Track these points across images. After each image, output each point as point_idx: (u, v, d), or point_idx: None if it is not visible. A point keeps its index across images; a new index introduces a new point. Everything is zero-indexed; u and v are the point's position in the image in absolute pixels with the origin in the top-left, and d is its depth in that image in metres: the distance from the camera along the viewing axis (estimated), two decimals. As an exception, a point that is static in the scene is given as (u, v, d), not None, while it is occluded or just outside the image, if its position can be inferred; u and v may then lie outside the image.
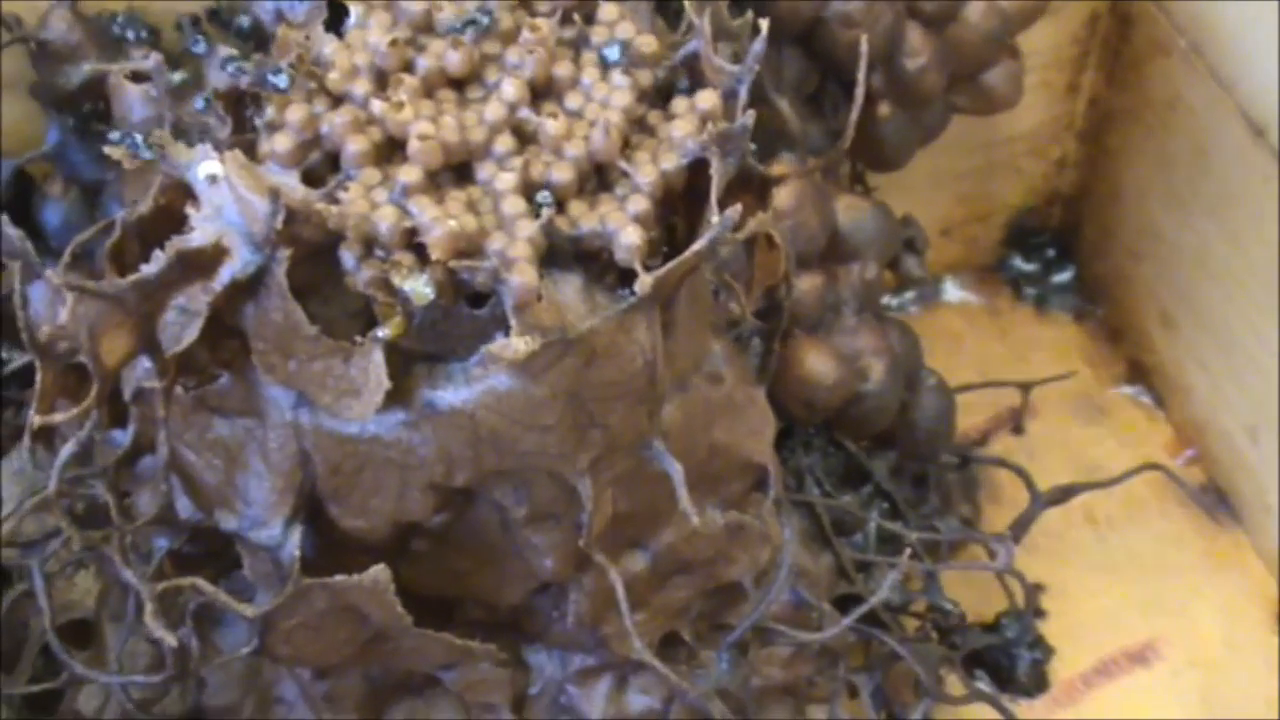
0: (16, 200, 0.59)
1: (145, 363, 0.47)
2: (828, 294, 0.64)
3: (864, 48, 0.52)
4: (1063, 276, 0.85)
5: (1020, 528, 0.69)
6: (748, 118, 0.45)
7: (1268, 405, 0.71)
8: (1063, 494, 0.70)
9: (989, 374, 0.78)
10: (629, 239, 0.44)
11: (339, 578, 0.49)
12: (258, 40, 0.55)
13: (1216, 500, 0.76)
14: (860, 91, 0.52)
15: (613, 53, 0.47)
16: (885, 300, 0.82)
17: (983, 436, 0.78)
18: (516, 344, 0.42)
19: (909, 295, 0.84)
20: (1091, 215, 0.82)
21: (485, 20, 0.47)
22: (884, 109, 0.65)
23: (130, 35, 0.58)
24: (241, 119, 0.49)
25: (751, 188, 0.51)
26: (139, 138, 0.45)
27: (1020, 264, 0.85)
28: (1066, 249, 0.85)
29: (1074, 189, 0.83)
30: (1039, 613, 0.71)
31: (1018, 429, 0.79)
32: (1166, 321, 0.77)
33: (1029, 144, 0.80)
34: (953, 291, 0.85)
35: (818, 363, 0.63)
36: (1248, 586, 0.74)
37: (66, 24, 0.56)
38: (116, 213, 0.57)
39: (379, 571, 0.49)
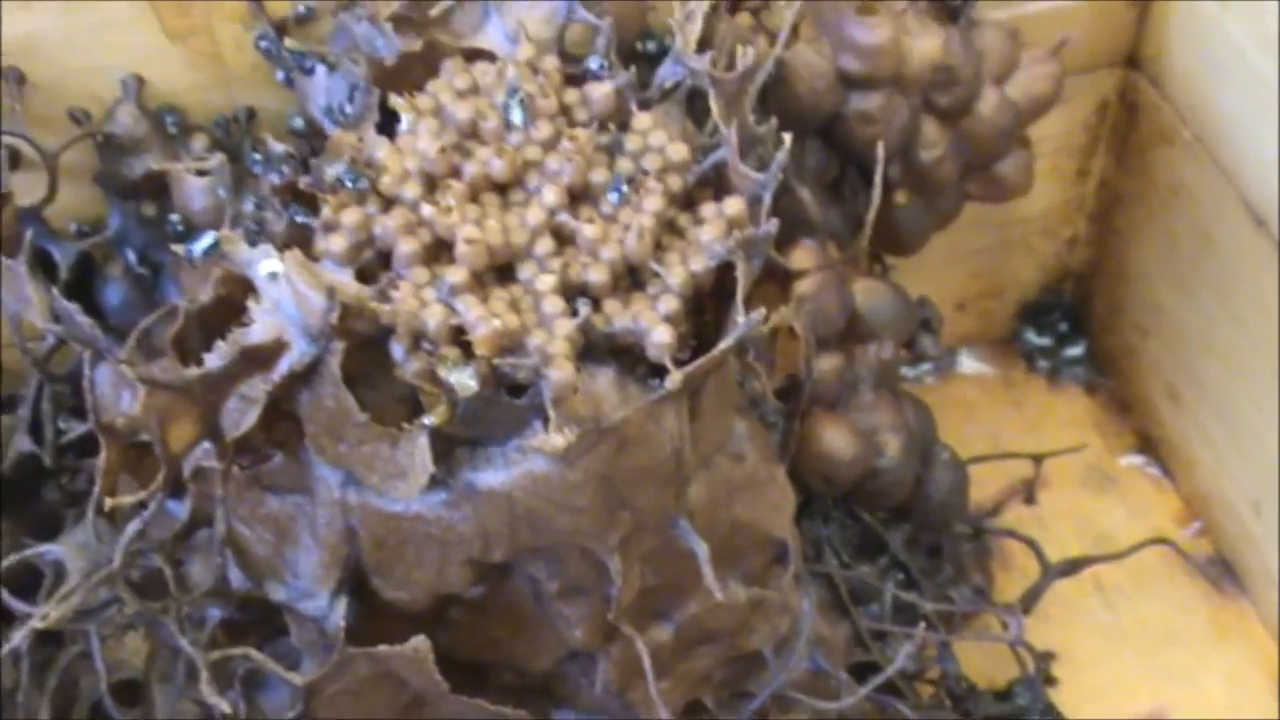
0: (79, 281, 0.62)
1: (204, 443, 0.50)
2: (846, 373, 0.66)
3: (881, 152, 0.54)
4: (1074, 350, 0.87)
5: (1031, 598, 0.71)
6: (771, 225, 0.48)
7: (1270, 480, 0.73)
8: (1073, 566, 0.72)
9: (1002, 443, 0.81)
10: (660, 337, 0.47)
11: (382, 647, 0.52)
12: (309, 138, 0.58)
13: (1222, 571, 0.78)
14: (878, 190, 0.55)
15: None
16: (902, 371, 0.85)
17: (996, 506, 0.80)
18: (555, 439, 0.45)
19: (925, 367, 0.86)
20: (1101, 292, 0.84)
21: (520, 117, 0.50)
22: (901, 197, 0.67)
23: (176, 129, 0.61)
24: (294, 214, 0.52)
25: (775, 279, 0.54)
26: (197, 248, 0.47)
27: (1033, 337, 0.87)
28: (1078, 324, 0.87)
29: (1085, 266, 0.85)
30: (1050, 680, 0.73)
31: (1029, 499, 0.81)
32: (1173, 396, 0.80)
33: (1041, 224, 0.82)
34: (968, 363, 0.87)
35: (836, 439, 0.65)
36: (1252, 655, 0.76)
37: (132, 119, 0.59)
38: (173, 294, 0.61)
39: (419, 641, 0.51)
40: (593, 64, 0.53)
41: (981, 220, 0.78)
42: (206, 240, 0.47)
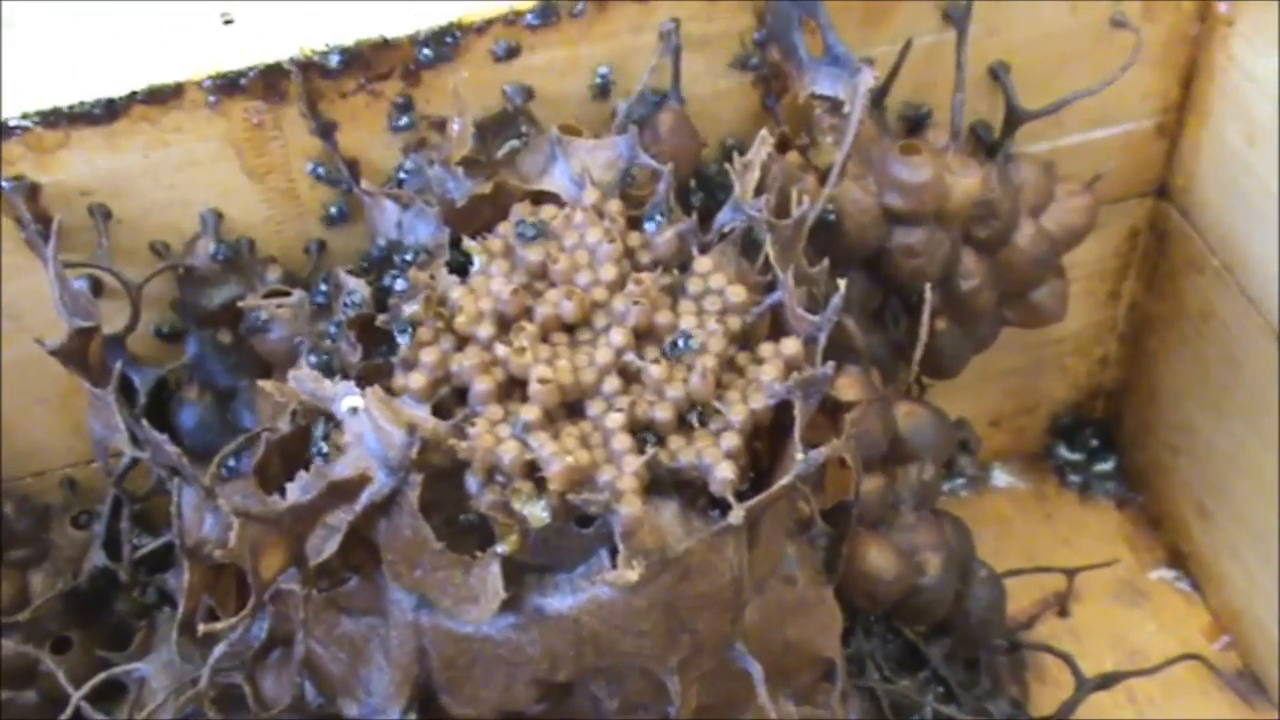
0: (155, 403, 0.65)
1: (284, 569, 0.53)
2: (888, 493, 0.68)
3: (928, 292, 0.57)
4: (1105, 465, 0.89)
5: (1067, 710, 0.73)
6: (829, 368, 0.50)
7: (1298, 597, 0.75)
8: (1107, 681, 0.74)
9: (1035, 556, 0.83)
10: (723, 474, 0.50)
11: (450, 762, 0.54)
12: (382, 266, 0.61)
13: (1251, 684, 0.80)
14: (925, 327, 0.57)
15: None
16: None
17: (1030, 619, 0.82)
18: (627, 575, 0.48)
19: (960, 480, 0.89)
20: (1132, 410, 0.87)
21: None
22: (941, 324, 0.70)
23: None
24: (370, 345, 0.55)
25: (825, 410, 0.57)
26: (343, 406, 0.50)
27: (1065, 453, 0.90)
28: (1109, 440, 0.89)
29: (1116, 385, 0.87)
30: (1084, 791, 0.75)
31: (1063, 612, 0.83)
32: (1203, 513, 0.82)
33: (1074, 344, 0.85)
34: (1001, 478, 0.90)
35: (879, 558, 0.67)
36: (1281, 767, 0.78)
37: (210, 252, 0.62)
38: (246, 418, 0.64)
39: (486, 757, 0.54)
40: (655, 214, 0.55)
41: (1016, 341, 0.80)
42: (352, 400, 0.49)
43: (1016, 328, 0.73)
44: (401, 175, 0.61)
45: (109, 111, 0.58)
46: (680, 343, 0.52)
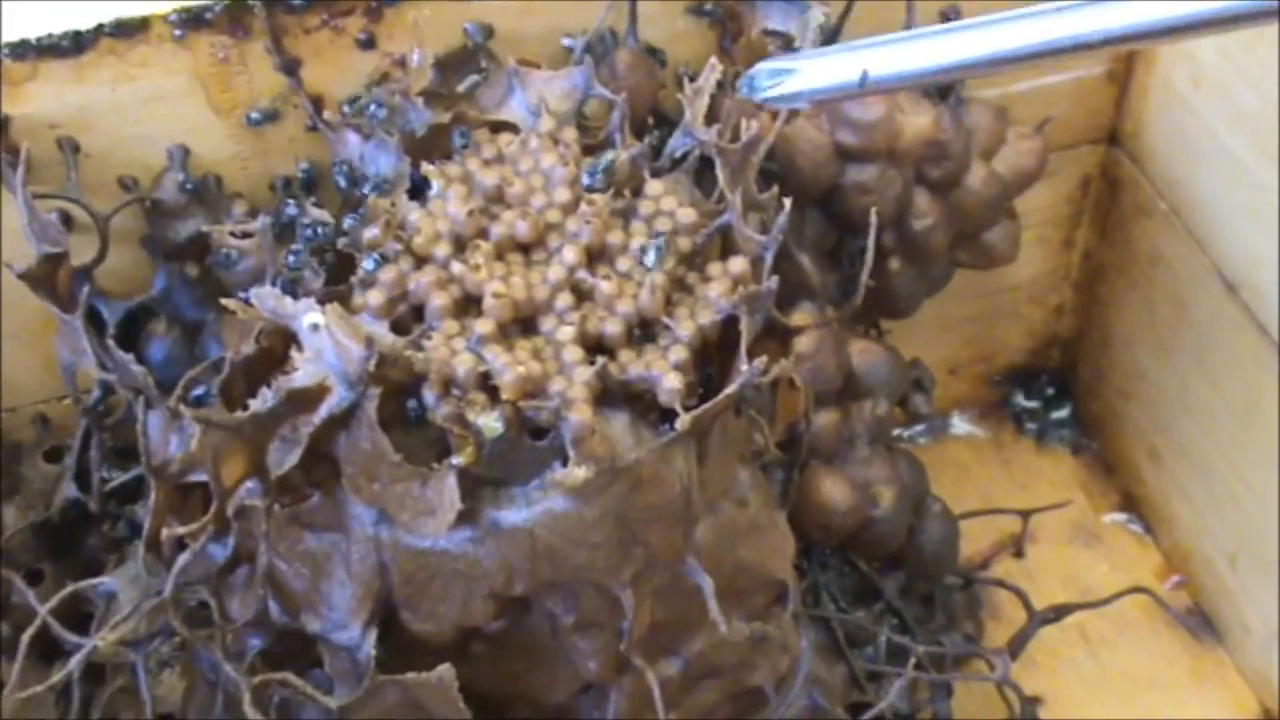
0: (124, 337, 0.66)
1: (247, 484, 0.54)
2: (843, 429, 0.70)
3: (874, 218, 0.58)
4: (1061, 413, 0.91)
5: (1018, 643, 0.75)
6: (773, 282, 0.52)
7: (1245, 534, 0.77)
8: (1057, 613, 0.75)
9: (993, 502, 0.84)
10: (670, 384, 0.51)
11: (409, 675, 0.55)
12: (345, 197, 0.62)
13: (1201, 622, 0.82)
14: (870, 252, 0.59)
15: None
16: (898, 433, 0.88)
17: (986, 560, 0.84)
18: (575, 473, 0.49)
19: (920, 428, 0.90)
20: (1086, 358, 0.88)
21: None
22: (894, 264, 0.71)
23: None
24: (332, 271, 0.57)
25: (776, 336, 0.58)
26: (305, 323, 0.51)
27: (1022, 401, 0.91)
28: (1064, 388, 0.91)
29: (1070, 334, 0.89)
30: (1036, 723, 0.77)
31: (1018, 553, 0.84)
32: (1154, 456, 0.84)
33: (1029, 292, 0.87)
34: (960, 426, 0.91)
35: (833, 490, 0.68)
36: (1229, 701, 0.79)
37: (177, 186, 0.63)
38: (214, 350, 0.65)
39: (444, 670, 0.54)
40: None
41: (973, 288, 0.82)
42: (313, 317, 0.51)
43: (970, 269, 0.75)
44: (371, 109, 0.63)
45: (76, 44, 0.60)
46: (650, 245, 0.53)
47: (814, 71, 0.55)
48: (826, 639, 0.70)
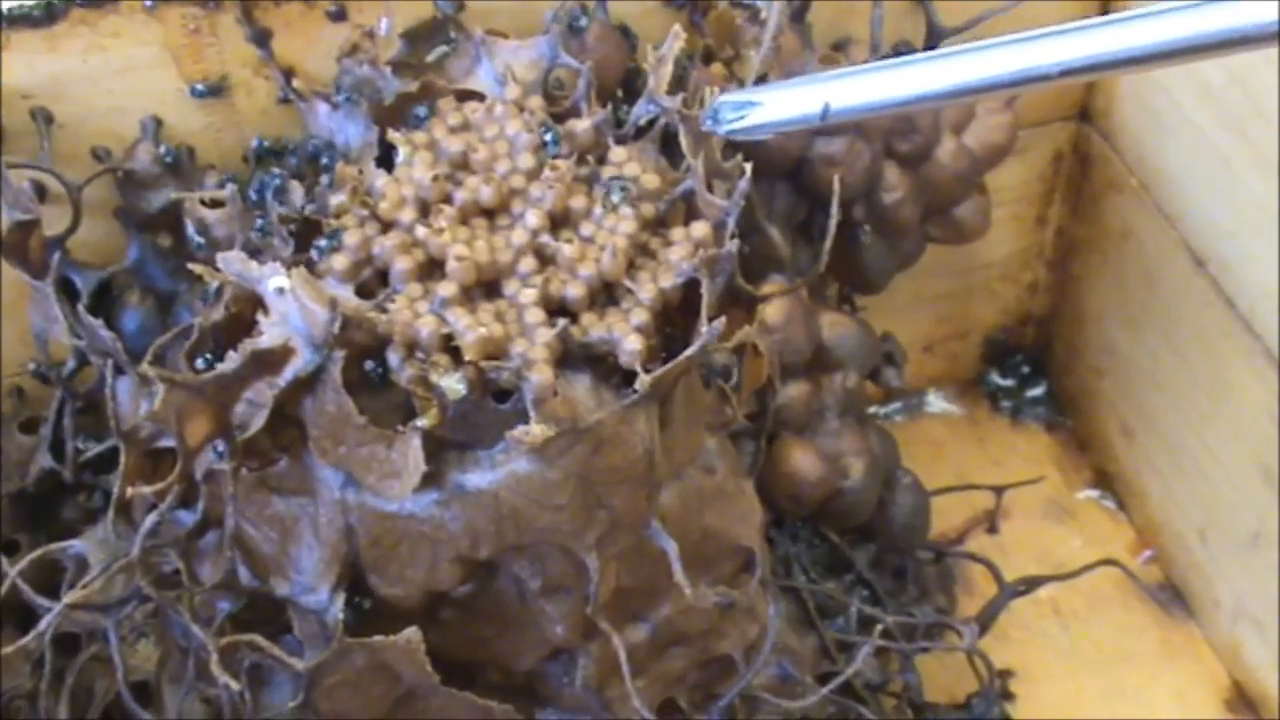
0: (98, 308, 0.66)
1: (214, 449, 0.55)
2: (813, 400, 0.70)
3: (837, 186, 0.59)
4: (1035, 391, 0.91)
5: (989, 614, 0.75)
6: (733, 245, 0.52)
7: (1214, 508, 0.77)
8: (1028, 585, 0.76)
9: (967, 478, 0.84)
10: (631, 345, 0.52)
11: (377, 637, 0.55)
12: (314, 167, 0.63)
13: (1171, 596, 0.82)
14: (833, 222, 0.59)
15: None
16: (874, 410, 0.89)
17: (960, 535, 0.84)
18: (535, 431, 0.50)
19: (896, 406, 0.91)
20: (1060, 335, 0.89)
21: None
22: (865, 237, 0.72)
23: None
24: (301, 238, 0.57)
25: (741, 304, 0.59)
26: (270, 285, 0.52)
27: (997, 379, 0.92)
28: (1039, 366, 0.92)
29: (1044, 311, 0.89)
30: (1008, 695, 0.77)
31: (992, 529, 0.85)
32: (1126, 432, 0.84)
33: (1003, 269, 0.87)
34: (935, 403, 0.92)
35: (803, 461, 0.68)
36: (1200, 674, 0.80)
37: (150, 156, 0.64)
38: (187, 319, 0.65)
39: (411, 632, 0.55)
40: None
41: (947, 265, 0.83)
42: (279, 281, 0.51)
43: (941, 244, 0.75)
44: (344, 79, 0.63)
45: (48, 14, 0.60)
46: (614, 184, 0.54)
47: (776, 104, 0.56)
48: (797, 609, 0.71)
